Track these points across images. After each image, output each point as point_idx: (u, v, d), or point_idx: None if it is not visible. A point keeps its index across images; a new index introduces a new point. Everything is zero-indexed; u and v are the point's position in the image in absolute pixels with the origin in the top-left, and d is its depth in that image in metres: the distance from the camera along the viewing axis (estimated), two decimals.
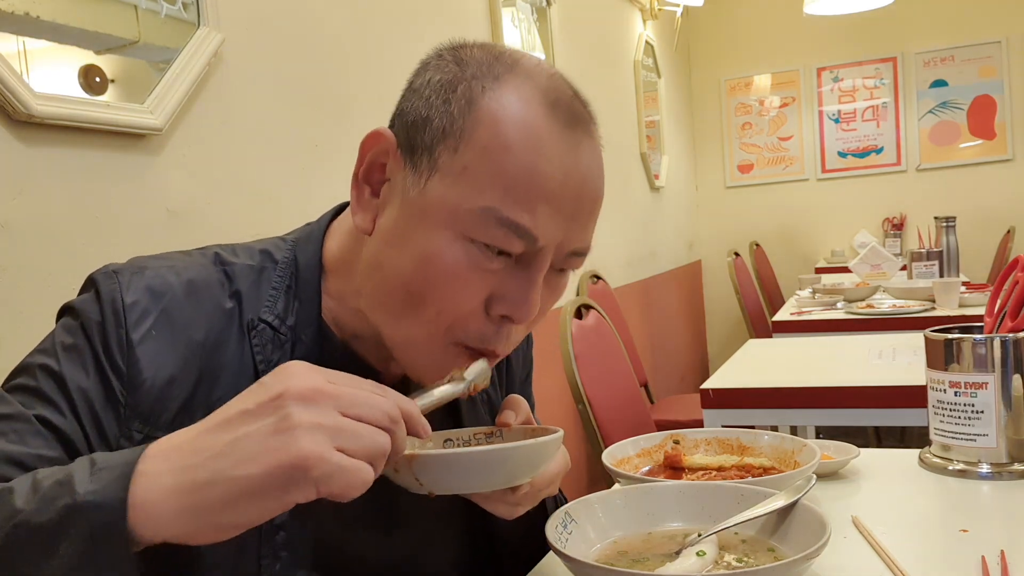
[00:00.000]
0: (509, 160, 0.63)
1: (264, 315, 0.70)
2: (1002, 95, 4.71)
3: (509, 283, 0.66)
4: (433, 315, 0.66)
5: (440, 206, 0.64)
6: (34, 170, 1.09)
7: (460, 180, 0.64)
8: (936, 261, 3.22)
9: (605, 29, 3.67)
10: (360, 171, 0.69)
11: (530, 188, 0.63)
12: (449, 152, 0.64)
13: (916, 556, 0.81)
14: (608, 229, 3.47)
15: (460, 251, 0.64)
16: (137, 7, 1.25)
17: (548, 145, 0.64)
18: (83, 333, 0.65)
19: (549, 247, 0.66)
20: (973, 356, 1.03)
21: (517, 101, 0.64)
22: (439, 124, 0.65)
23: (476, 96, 0.64)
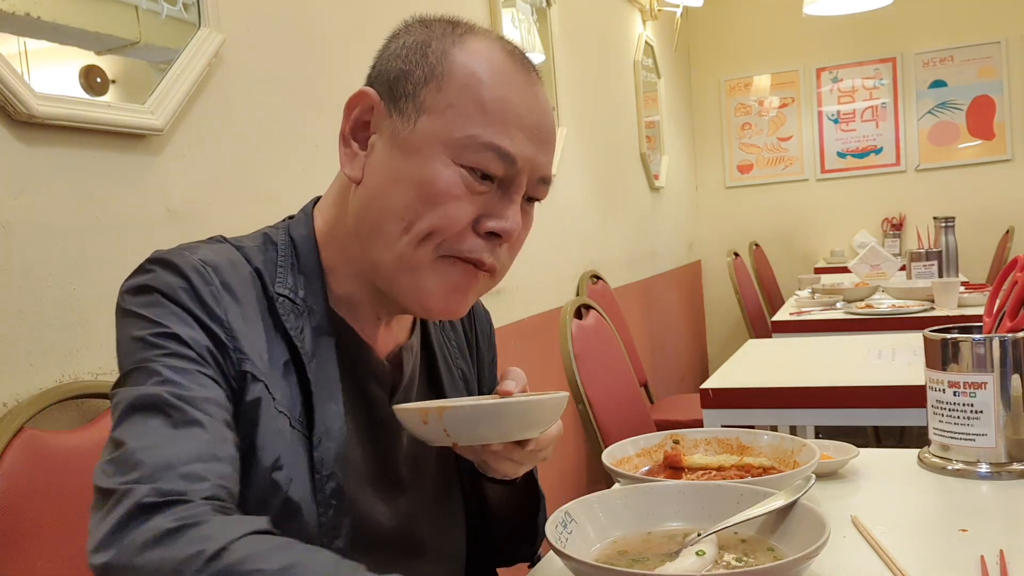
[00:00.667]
0: (485, 92, 0.74)
1: (280, 289, 0.78)
2: (1001, 95, 4.71)
3: (494, 204, 0.76)
4: (428, 233, 0.74)
5: (432, 138, 0.74)
6: (35, 170, 1.09)
7: (447, 114, 0.74)
8: (935, 261, 3.22)
9: (605, 29, 3.67)
10: (347, 129, 0.79)
11: (505, 115, 0.75)
12: (433, 93, 0.75)
13: (915, 556, 0.81)
14: (608, 229, 3.47)
15: (454, 174, 0.74)
16: (138, 8, 1.25)
17: (513, 81, 0.76)
18: (170, 301, 0.71)
19: (524, 170, 0.76)
20: (972, 356, 1.03)
21: (483, 50, 0.76)
22: (420, 73, 0.75)
23: (448, 48, 0.76)
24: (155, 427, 0.65)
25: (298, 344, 0.76)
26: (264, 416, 0.72)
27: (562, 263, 2.89)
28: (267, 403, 0.73)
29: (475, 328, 1.01)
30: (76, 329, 1.13)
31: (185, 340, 0.70)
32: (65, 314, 1.12)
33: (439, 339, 0.93)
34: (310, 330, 0.78)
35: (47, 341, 1.09)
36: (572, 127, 3.05)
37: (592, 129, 3.34)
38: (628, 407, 2.17)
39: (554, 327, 2.11)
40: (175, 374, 0.68)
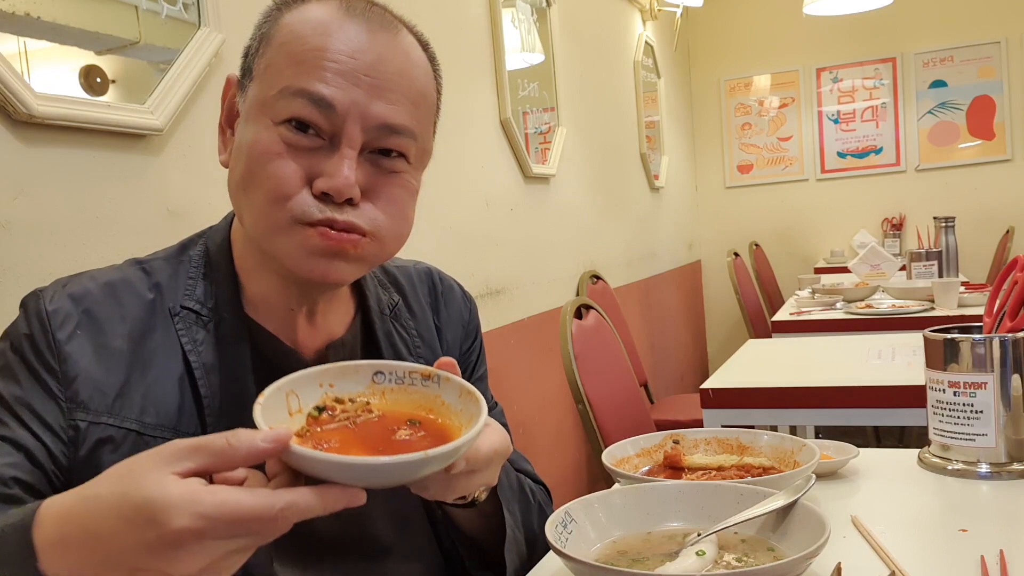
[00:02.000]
0: (300, 45, 0.71)
1: (185, 302, 0.77)
2: (1001, 95, 4.71)
3: (323, 162, 0.71)
4: (266, 199, 0.71)
5: (254, 103, 0.73)
6: (35, 170, 1.09)
7: (264, 76, 0.73)
8: (935, 261, 3.22)
9: (605, 30, 3.67)
10: (222, 118, 0.79)
11: (318, 61, 0.70)
12: (260, 59, 0.74)
13: (915, 556, 0.81)
14: (608, 229, 3.47)
15: (273, 134, 0.71)
16: (138, 8, 1.25)
17: (339, 29, 0.72)
18: (12, 350, 0.72)
19: (351, 117, 0.71)
20: (972, 356, 1.03)
21: (311, 9, 0.74)
22: (255, 46, 0.75)
23: (280, 15, 0.75)
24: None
25: (192, 360, 0.74)
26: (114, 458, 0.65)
27: (562, 263, 2.89)
28: (121, 439, 0.71)
29: (442, 313, 0.95)
30: None
31: (6, 400, 0.70)
32: None
33: (388, 329, 0.87)
34: (213, 342, 0.75)
35: None
36: (572, 127, 3.05)
37: (592, 129, 3.34)
38: (628, 407, 2.17)
39: (554, 327, 2.11)
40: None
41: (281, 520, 0.52)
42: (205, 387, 0.74)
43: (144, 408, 0.73)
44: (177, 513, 0.50)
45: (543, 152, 2.82)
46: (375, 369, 0.68)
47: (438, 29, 2.15)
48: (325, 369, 0.65)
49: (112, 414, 0.71)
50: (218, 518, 0.50)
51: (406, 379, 0.68)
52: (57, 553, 0.55)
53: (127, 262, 0.80)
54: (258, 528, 0.52)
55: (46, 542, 0.55)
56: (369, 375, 0.68)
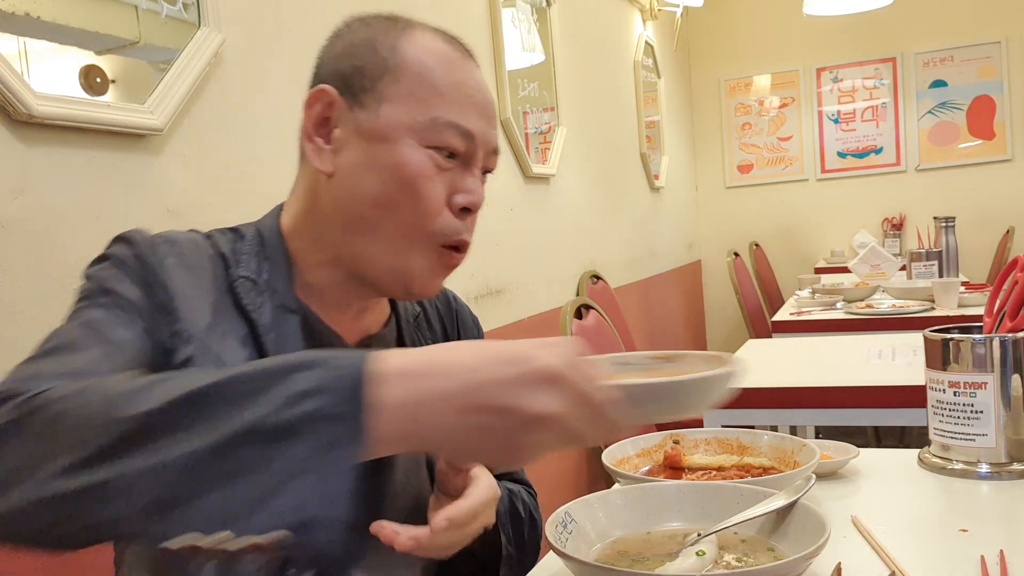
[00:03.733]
0: (438, 77, 0.80)
1: (242, 272, 0.81)
2: (1001, 95, 4.71)
3: (460, 180, 0.81)
4: (411, 218, 0.79)
5: (398, 125, 0.79)
6: (34, 170, 1.09)
7: (407, 101, 0.79)
8: (935, 261, 3.22)
9: (605, 29, 3.67)
10: (309, 126, 0.82)
11: (459, 96, 0.81)
12: (391, 84, 0.80)
13: (915, 556, 0.81)
14: (608, 229, 3.47)
15: (423, 156, 0.79)
16: (138, 8, 1.25)
17: (459, 66, 0.83)
18: (118, 267, 0.76)
19: (480, 144, 0.82)
20: (972, 356, 1.03)
21: (425, 40, 0.83)
22: (373, 67, 0.80)
23: (395, 42, 0.82)
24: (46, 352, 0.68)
25: (255, 317, 0.78)
26: None
27: (562, 263, 2.89)
28: (203, 359, 0.75)
29: (457, 328, 1.01)
30: None
31: (120, 294, 0.73)
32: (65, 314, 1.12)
33: (413, 337, 0.94)
34: (271, 307, 0.80)
35: None
36: (572, 127, 3.05)
37: (592, 129, 3.34)
38: None
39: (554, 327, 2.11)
40: (98, 311, 0.71)
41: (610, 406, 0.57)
42: (268, 344, 0.78)
43: (219, 355, 0.76)
44: (548, 355, 0.55)
45: (543, 152, 2.82)
46: (618, 360, 0.75)
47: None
48: None
49: (203, 340, 0.75)
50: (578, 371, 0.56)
51: (651, 364, 0.74)
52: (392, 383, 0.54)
53: (190, 230, 0.84)
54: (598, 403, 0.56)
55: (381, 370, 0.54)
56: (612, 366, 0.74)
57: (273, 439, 0.51)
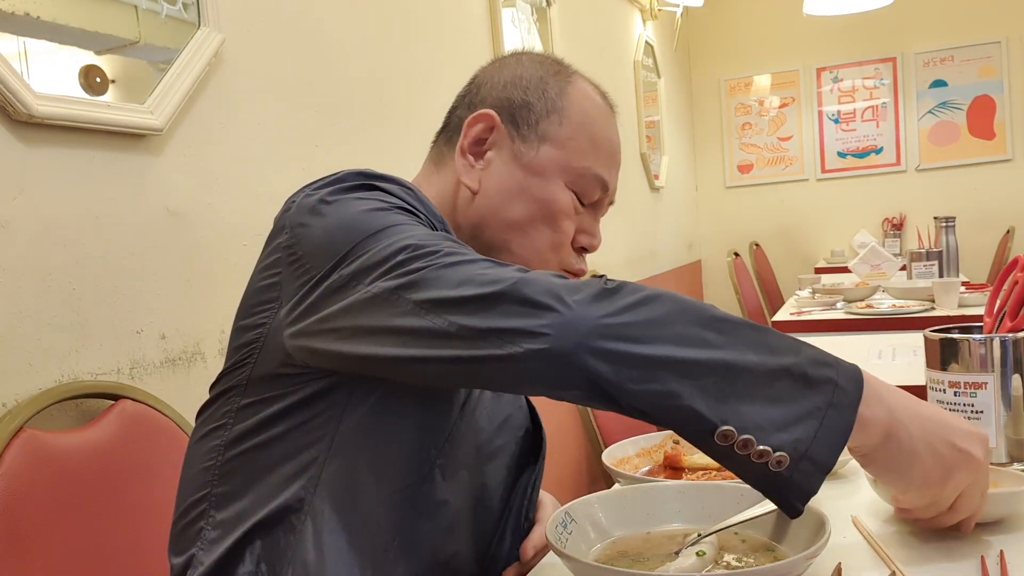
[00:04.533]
0: (596, 130, 0.89)
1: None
2: (1002, 95, 4.71)
3: (586, 222, 0.91)
4: (547, 245, 0.87)
5: (553, 164, 0.87)
6: (34, 170, 1.09)
7: (568, 146, 0.87)
8: (936, 261, 3.22)
9: (605, 29, 3.67)
10: (465, 144, 0.88)
11: (608, 151, 0.90)
12: (555, 126, 0.87)
13: (915, 556, 0.81)
14: (608, 229, 3.47)
15: (568, 197, 0.87)
16: (137, 7, 1.25)
17: (611, 122, 0.92)
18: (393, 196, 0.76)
19: (609, 195, 0.92)
20: (972, 356, 1.03)
21: (588, 92, 0.91)
22: (541, 107, 0.88)
23: (564, 87, 0.89)
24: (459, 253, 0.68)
25: None
26: None
27: None
28: None
29: None
30: (76, 329, 1.13)
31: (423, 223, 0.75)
32: (65, 314, 1.12)
33: None
34: None
35: (47, 341, 1.09)
36: None
37: None
38: None
39: None
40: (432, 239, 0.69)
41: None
42: None
43: None
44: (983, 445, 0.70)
45: None
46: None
47: (438, 29, 2.15)
48: None
49: None
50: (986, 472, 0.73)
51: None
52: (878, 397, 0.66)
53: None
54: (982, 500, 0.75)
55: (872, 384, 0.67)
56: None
57: (803, 383, 0.63)
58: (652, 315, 0.63)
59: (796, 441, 0.61)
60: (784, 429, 0.61)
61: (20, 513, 0.94)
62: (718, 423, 0.61)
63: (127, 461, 1.10)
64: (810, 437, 0.62)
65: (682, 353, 0.61)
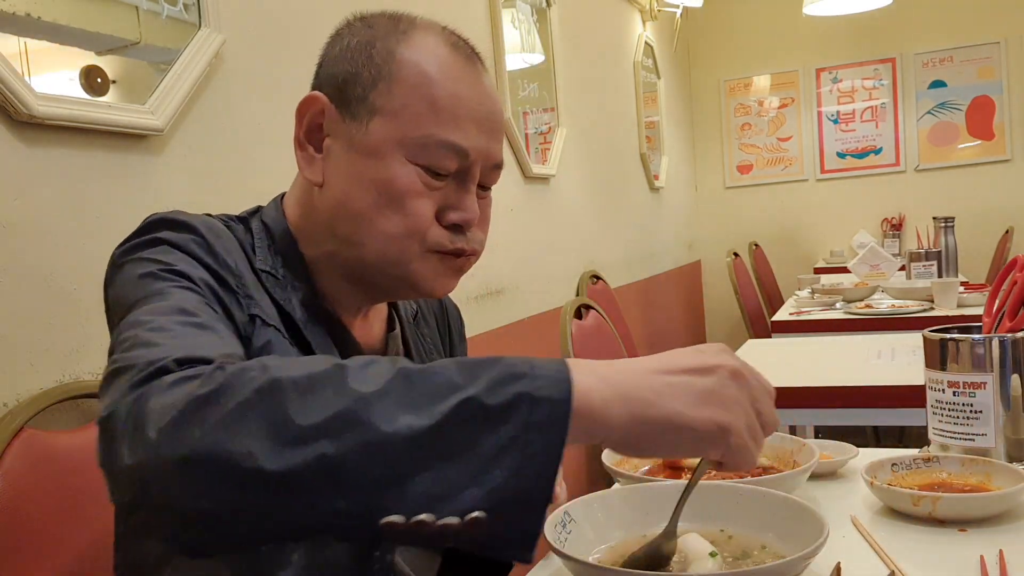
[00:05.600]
0: (435, 90, 0.76)
1: (261, 266, 0.79)
2: (1001, 96, 4.71)
3: (451, 196, 0.78)
4: (399, 230, 0.76)
5: (387, 140, 0.76)
6: (35, 170, 1.10)
7: (399, 116, 0.75)
8: (935, 261, 3.22)
9: (605, 30, 3.67)
10: (300, 134, 0.79)
11: (456, 111, 0.76)
12: (384, 95, 0.76)
13: (915, 555, 0.81)
14: (608, 229, 3.47)
15: (411, 172, 0.76)
16: (138, 8, 1.25)
17: (460, 75, 0.77)
18: (179, 250, 0.71)
19: (478, 161, 0.78)
20: (971, 356, 1.03)
21: (427, 46, 0.77)
22: (368, 75, 0.76)
23: (393, 47, 0.77)
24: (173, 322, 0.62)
25: (290, 311, 0.77)
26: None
27: (562, 263, 2.89)
28: (280, 345, 0.74)
29: (448, 324, 1.03)
30: (76, 329, 1.13)
31: (194, 279, 0.69)
32: (65, 314, 1.12)
33: (412, 335, 0.94)
34: (298, 301, 0.79)
35: (47, 341, 1.09)
36: (572, 127, 3.05)
37: (592, 129, 3.34)
38: None
39: (554, 327, 2.11)
40: (187, 302, 0.66)
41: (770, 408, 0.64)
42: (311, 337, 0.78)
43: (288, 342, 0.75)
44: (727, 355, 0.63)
45: (543, 152, 2.82)
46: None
47: None
48: None
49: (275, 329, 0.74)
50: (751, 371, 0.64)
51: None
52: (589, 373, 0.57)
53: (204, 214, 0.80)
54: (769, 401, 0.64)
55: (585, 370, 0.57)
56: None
57: (482, 419, 0.51)
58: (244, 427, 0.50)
59: (491, 492, 0.50)
60: (470, 485, 0.50)
61: (20, 513, 0.95)
62: (375, 518, 0.50)
63: None
64: (509, 477, 0.50)
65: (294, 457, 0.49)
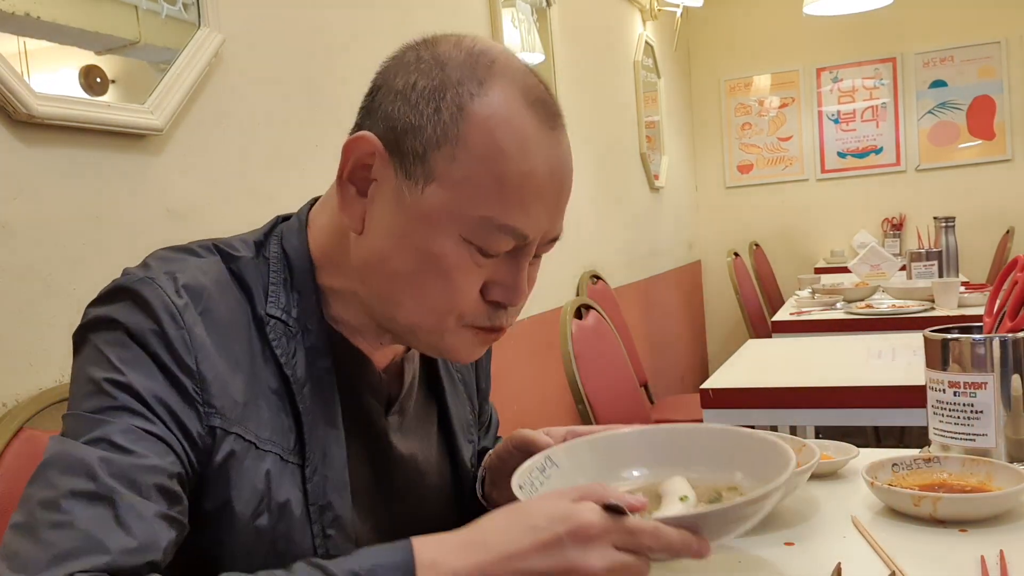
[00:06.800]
0: (505, 166, 0.67)
1: (272, 311, 0.74)
2: (1001, 95, 4.71)
3: (500, 272, 0.72)
4: (440, 304, 0.71)
5: (441, 211, 0.68)
6: (34, 170, 1.09)
7: (460, 189, 0.68)
8: (935, 261, 3.22)
9: (605, 29, 3.67)
10: (345, 171, 0.72)
11: (524, 192, 0.68)
12: (446, 160, 0.68)
13: (915, 556, 0.81)
14: (608, 229, 3.47)
15: (463, 251, 0.69)
16: (138, 8, 1.25)
17: (535, 146, 0.69)
18: (137, 343, 0.66)
19: (536, 239, 0.72)
20: (972, 356, 1.03)
21: (503, 104, 0.68)
22: (432, 132, 0.68)
23: (465, 102, 0.68)
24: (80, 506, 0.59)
25: (288, 373, 0.73)
26: (239, 469, 0.68)
27: (562, 263, 2.88)
28: (243, 452, 0.69)
29: None
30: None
31: (142, 395, 0.64)
32: (65, 314, 1.12)
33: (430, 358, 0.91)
34: (303, 352, 0.74)
35: (47, 341, 1.09)
36: (572, 127, 3.02)
37: (592, 129, 3.33)
38: (628, 407, 2.17)
39: (554, 327, 2.11)
40: (121, 436, 0.62)
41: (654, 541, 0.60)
42: (301, 402, 0.73)
43: (259, 422, 0.70)
44: (588, 510, 0.59)
45: None
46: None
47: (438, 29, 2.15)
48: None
49: (241, 424, 0.69)
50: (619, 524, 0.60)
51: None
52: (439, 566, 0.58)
53: (214, 253, 0.75)
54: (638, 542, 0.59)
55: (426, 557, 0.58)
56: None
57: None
58: None
59: None
60: None
61: None
62: None
63: None
64: None
65: None
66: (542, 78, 0.74)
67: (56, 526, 0.58)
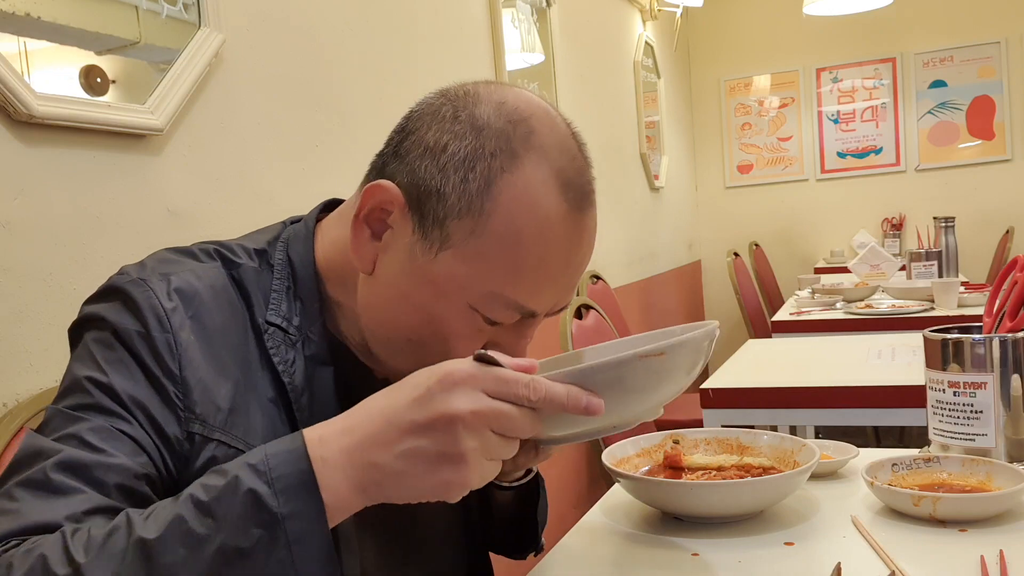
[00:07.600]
0: (521, 253, 0.67)
1: (272, 318, 0.73)
2: (1001, 95, 4.71)
3: (502, 336, 0.72)
4: (435, 363, 0.68)
5: (450, 279, 0.68)
6: (35, 170, 1.09)
7: (473, 262, 0.67)
8: (935, 261, 3.22)
9: (605, 30, 3.67)
10: (363, 213, 0.71)
11: (538, 278, 0.68)
12: (464, 232, 0.67)
13: (915, 556, 0.81)
14: (608, 229, 3.47)
15: (466, 319, 0.69)
16: (138, 8, 1.25)
17: (558, 234, 0.68)
18: (122, 344, 0.67)
19: (543, 313, 0.72)
20: (972, 356, 1.03)
21: (531, 187, 0.67)
22: (456, 201, 0.67)
23: (495, 177, 0.66)
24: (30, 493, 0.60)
25: (286, 381, 0.72)
26: None
27: None
28: (226, 459, 0.65)
29: None
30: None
31: (120, 396, 0.64)
32: (65, 314, 1.12)
33: None
34: (303, 361, 0.73)
35: (47, 341, 1.09)
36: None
37: (592, 129, 3.33)
38: None
39: (554, 327, 2.11)
40: (93, 434, 0.62)
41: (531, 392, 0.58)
42: (299, 411, 0.72)
43: (248, 428, 0.69)
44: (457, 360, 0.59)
45: None
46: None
47: (438, 29, 2.15)
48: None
49: (225, 431, 0.68)
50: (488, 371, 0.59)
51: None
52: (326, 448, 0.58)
53: (215, 257, 0.75)
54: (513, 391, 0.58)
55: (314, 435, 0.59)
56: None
57: (245, 556, 0.54)
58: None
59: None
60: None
61: None
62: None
63: None
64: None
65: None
66: (581, 143, 0.72)
67: (3, 513, 0.60)
